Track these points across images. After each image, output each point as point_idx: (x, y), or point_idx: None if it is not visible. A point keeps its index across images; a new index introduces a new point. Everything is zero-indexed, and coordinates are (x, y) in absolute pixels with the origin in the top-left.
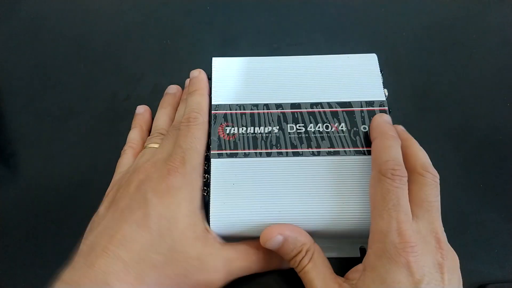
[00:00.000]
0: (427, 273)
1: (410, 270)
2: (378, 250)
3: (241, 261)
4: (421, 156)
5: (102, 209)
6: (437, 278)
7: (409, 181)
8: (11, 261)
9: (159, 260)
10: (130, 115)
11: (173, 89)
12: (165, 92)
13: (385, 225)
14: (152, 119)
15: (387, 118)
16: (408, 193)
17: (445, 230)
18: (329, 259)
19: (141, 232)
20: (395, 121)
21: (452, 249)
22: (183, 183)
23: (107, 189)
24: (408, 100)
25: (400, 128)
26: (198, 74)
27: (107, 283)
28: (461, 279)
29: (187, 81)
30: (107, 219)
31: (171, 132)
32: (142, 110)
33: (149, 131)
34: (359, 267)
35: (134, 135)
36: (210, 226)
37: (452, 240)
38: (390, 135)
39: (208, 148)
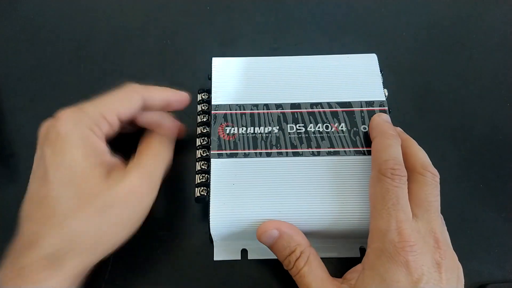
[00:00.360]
0: (425, 272)
1: (409, 269)
2: (377, 249)
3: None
4: (421, 155)
5: None
6: (436, 277)
7: (408, 180)
8: None
9: (72, 206)
10: None
11: None
12: None
13: (385, 224)
14: None
15: (386, 117)
16: (408, 193)
17: None
18: (329, 259)
19: (46, 187)
20: (395, 121)
21: (452, 248)
22: (72, 127)
23: None
24: (408, 100)
25: (399, 129)
26: None
27: (35, 241)
28: (463, 279)
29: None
30: (31, 177)
31: None
32: None
33: None
34: (358, 267)
35: None
36: (210, 226)
37: (452, 240)
38: (390, 134)
39: (208, 148)
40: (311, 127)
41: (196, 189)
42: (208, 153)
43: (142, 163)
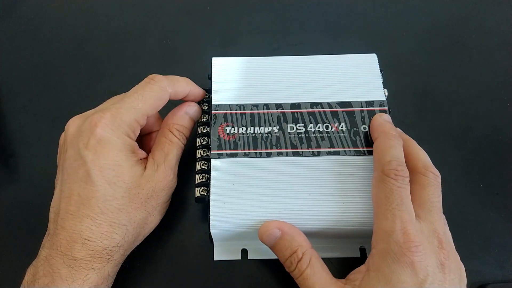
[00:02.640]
0: (430, 273)
1: (415, 270)
2: (382, 250)
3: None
4: (422, 156)
5: (57, 172)
6: (440, 278)
7: (410, 181)
8: (11, 261)
9: (122, 203)
10: None
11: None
12: None
13: (389, 225)
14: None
15: (387, 117)
16: (410, 193)
17: None
18: (329, 259)
19: (90, 188)
20: (395, 121)
21: (454, 249)
22: (112, 132)
23: None
24: (408, 100)
25: (398, 130)
26: None
27: (83, 237)
28: (466, 279)
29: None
30: (59, 182)
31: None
32: None
33: None
34: (362, 268)
35: None
36: (210, 226)
37: (453, 240)
38: (392, 135)
39: (208, 148)
40: (311, 127)
41: (196, 189)
42: (208, 153)
43: (166, 155)
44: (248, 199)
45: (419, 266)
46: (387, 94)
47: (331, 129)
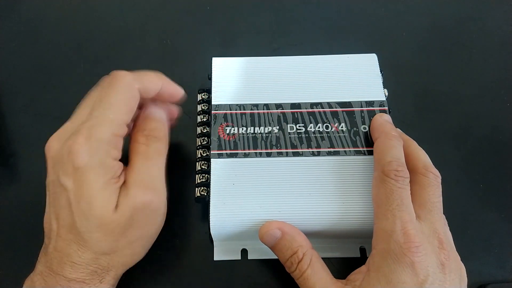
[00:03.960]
0: (431, 273)
1: (415, 270)
2: (382, 250)
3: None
4: (422, 156)
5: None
6: (441, 278)
7: (410, 181)
8: (11, 261)
9: (96, 236)
10: None
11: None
12: None
13: (390, 225)
14: None
15: (388, 117)
16: (410, 194)
17: None
18: (329, 259)
19: (71, 216)
20: (395, 121)
21: (455, 249)
22: (90, 159)
23: None
24: (408, 100)
25: (398, 130)
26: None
27: (73, 262)
28: (466, 279)
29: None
30: (48, 200)
31: (90, 94)
32: None
33: None
34: (362, 268)
35: None
36: (210, 226)
37: (453, 240)
38: (392, 135)
39: (208, 148)
40: (311, 127)
41: (196, 189)
42: (208, 153)
43: (135, 170)
44: (248, 199)
45: (419, 266)
46: (387, 94)
47: (331, 129)
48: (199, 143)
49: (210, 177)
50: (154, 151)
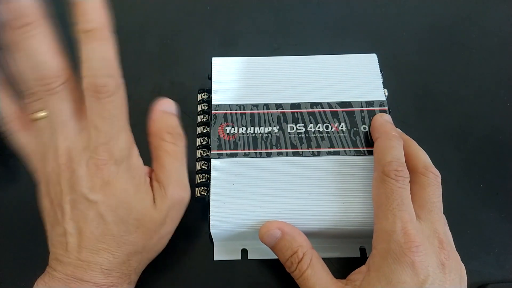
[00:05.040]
0: (431, 273)
1: (415, 270)
2: (383, 250)
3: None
4: (422, 156)
5: (47, 204)
6: (441, 278)
7: (410, 181)
8: (11, 261)
9: (136, 236)
10: (130, 115)
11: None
12: None
13: (390, 225)
14: None
15: (388, 117)
16: (410, 194)
17: None
18: (329, 259)
19: (104, 226)
20: (395, 121)
21: (455, 249)
22: (118, 171)
23: None
24: (408, 100)
25: (398, 130)
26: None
27: (103, 268)
28: (466, 279)
29: None
30: (57, 218)
31: (50, 98)
32: None
33: None
34: (362, 268)
35: None
36: (210, 226)
37: (453, 240)
38: (392, 135)
39: (208, 148)
40: (311, 127)
41: (196, 189)
42: (208, 153)
43: (167, 169)
44: (248, 199)
45: (419, 266)
46: (387, 94)
47: (331, 129)
48: (199, 143)
49: (210, 177)
50: (182, 151)
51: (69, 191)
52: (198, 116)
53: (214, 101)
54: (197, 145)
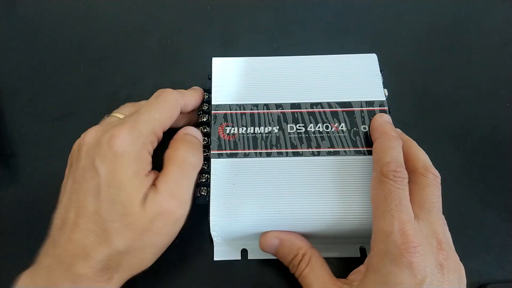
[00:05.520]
0: (429, 273)
1: (413, 270)
2: (380, 251)
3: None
4: (422, 156)
5: (65, 177)
6: (439, 278)
7: (410, 181)
8: (11, 261)
9: (117, 227)
10: None
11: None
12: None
13: (388, 226)
14: None
15: (387, 118)
16: (409, 194)
17: None
18: (329, 259)
19: (97, 202)
20: (395, 121)
21: (454, 249)
22: (128, 146)
23: None
24: (408, 100)
25: (398, 131)
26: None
27: (88, 254)
28: (465, 279)
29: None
30: (68, 189)
31: (142, 103)
32: None
33: None
34: (361, 268)
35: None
36: (210, 226)
37: (453, 240)
38: (392, 136)
39: (208, 148)
40: (311, 127)
41: (196, 189)
42: (208, 153)
43: (168, 177)
44: (248, 199)
45: (417, 267)
46: (387, 94)
47: (331, 129)
48: None
49: (210, 177)
50: (192, 166)
51: (84, 156)
52: (198, 116)
53: (214, 101)
54: None
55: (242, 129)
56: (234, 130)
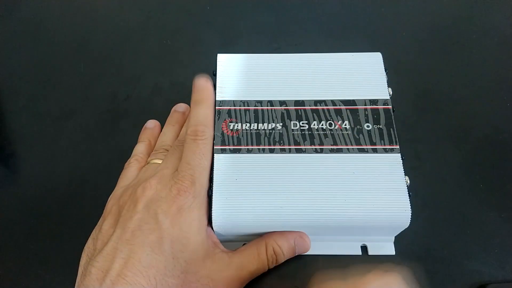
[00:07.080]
0: None
1: None
2: None
3: (250, 266)
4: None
5: (106, 225)
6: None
7: None
8: (11, 261)
9: (175, 283)
10: (130, 115)
11: (181, 107)
12: (173, 109)
13: None
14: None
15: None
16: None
17: (445, 230)
18: (331, 256)
19: (156, 257)
20: (396, 121)
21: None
22: (193, 203)
23: (106, 189)
24: (408, 100)
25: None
26: (205, 83)
27: None
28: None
29: (177, 106)
30: (115, 239)
31: (176, 146)
32: (152, 125)
33: None
34: None
35: (141, 149)
36: (213, 221)
37: (452, 240)
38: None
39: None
40: (314, 124)
41: None
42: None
43: (245, 254)
44: (251, 195)
45: None
46: (391, 93)
47: (335, 126)
48: None
49: (213, 172)
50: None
51: (142, 209)
52: None
53: (218, 97)
54: None
55: (246, 125)
56: (237, 126)
